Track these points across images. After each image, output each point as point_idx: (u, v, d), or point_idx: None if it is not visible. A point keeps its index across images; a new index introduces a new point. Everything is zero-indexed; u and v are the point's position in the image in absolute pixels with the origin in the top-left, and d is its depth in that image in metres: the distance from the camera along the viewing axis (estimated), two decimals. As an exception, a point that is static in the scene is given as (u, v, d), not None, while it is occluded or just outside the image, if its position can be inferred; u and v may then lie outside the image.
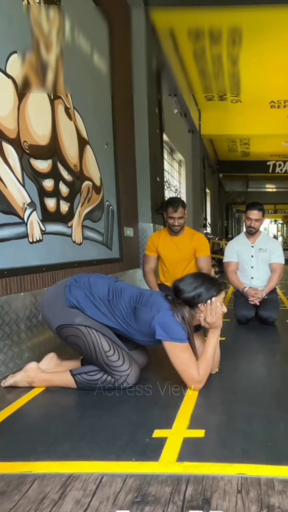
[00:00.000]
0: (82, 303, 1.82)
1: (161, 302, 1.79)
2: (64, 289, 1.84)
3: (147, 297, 1.83)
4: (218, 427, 1.43)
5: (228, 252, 3.37)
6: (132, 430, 1.40)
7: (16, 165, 2.24)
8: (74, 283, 1.86)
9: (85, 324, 1.78)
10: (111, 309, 1.82)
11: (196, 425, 1.44)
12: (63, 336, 1.82)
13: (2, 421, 1.51)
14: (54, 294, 1.88)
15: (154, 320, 1.73)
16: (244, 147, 11.29)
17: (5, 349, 2.11)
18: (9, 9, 2.18)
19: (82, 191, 3.08)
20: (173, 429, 1.41)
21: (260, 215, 3.21)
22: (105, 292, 1.85)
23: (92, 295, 1.83)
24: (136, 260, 4.50)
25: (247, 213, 3.23)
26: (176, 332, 1.72)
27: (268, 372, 2.14)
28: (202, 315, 1.82)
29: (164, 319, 1.73)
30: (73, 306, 1.81)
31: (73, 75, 2.88)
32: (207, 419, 1.50)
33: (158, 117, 4.90)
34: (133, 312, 1.80)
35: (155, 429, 1.40)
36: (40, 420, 1.53)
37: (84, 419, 1.52)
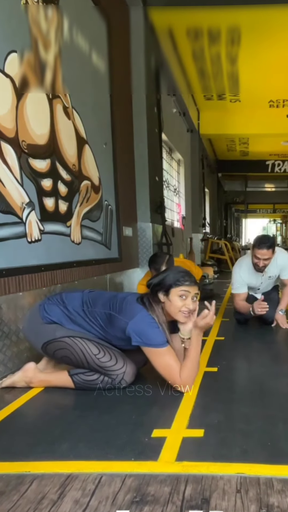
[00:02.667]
0: (59, 318, 1.82)
1: (135, 307, 1.76)
2: (39, 308, 1.85)
3: (120, 303, 1.80)
4: (217, 427, 1.43)
5: (238, 283, 3.06)
6: (131, 430, 1.40)
7: (14, 165, 2.24)
8: (47, 301, 1.88)
9: (68, 334, 1.77)
10: (88, 320, 1.81)
11: (195, 425, 1.44)
12: (50, 353, 1.82)
13: (1, 421, 1.51)
14: (31, 316, 1.88)
15: (128, 326, 1.70)
16: (243, 146, 11.29)
17: (4, 349, 2.10)
18: (7, 8, 2.17)
19: (80, 191, 3.07)
20: (172, 429, 1.40)
21: (270, 253, 2.84)
22: (79, 303, 1.84)
23: (66, 309, 1.83)
24: (135, 259, 4.50)
25: (255, 251, 2.84)
26: (152, 337, 1.68)
27: (267, 371, 2.14)
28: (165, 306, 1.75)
29: (138, 325, 1.70)
30: (51, 322, 1.81)
31: (71, 74, 2.88)
32: (206, 419, 1.50)
33: (157, 116, 4.90)
34: (108, 320, 1.78)
35: (154, 428, 1.40)
36: (38, 420, 1.52)
37: (83, 419, 1.51)
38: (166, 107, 5.71)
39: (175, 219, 7.27)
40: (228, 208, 18.81)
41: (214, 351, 2.49)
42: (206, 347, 2.54)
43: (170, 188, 7.00)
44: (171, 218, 6.91)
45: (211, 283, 5.59)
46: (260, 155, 12.15)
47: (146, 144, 4.47)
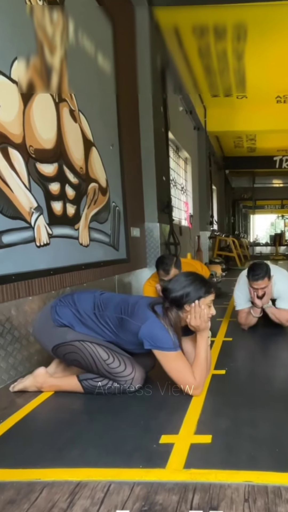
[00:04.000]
0: (70, 321, 1.83)
1: (147, 311, 1.77)
2: (50, 310, 1.87)
3: (132, 307, 1.82)
4: (225, 432, 1.44)
5: (239, 299, 3.00)
6: (140, 436, 1.42)
7: (22, 170, 2.26)
8: (59, 303, 1.89)
9: (78, 338, 1.79)
10: (99, 323, 1.82)
11: (203, 430, 1.45)
12: (61, 355, 1.85)
13: (12, 426, 1.54)
14: (42, 318, 1.90)
15: (140, 330, 1.72)
16: (250, 142, 11.20)
17: (15, 352, 2.14)
18: (12, 14, 2.18)
19: (88, 193, 3.09)
20: (180, 435, 1.42)
21: (266, 282, 2.71)
22: (90, 306, 1.85)
23: (78, 311, 1.84)
24: (143, 260, 4.51)
25: (250, 283, 2.75)
26: (164, 341, 1.70)
27: (275, 374, 2.14)
28: (189, 316, 1.79)
29: (151, 329, 1.71)
30: (62, 325, 1.83)
31: (77, 76, 2.89)
32: (214, 424, 1.51)
33: (163, 115, 4.88)
34: (119, 323, 1.80)
35: (162, 434, 1.42)
36: (48, 425, 1.55)
37: (92, 424, 1.53)
38: (173, 105, 5.69)
39: (182, 218, 7.26)
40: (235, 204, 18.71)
41: (222, 352, 2.50)
42: (214, 349, 2.55)
43: (177, 187, 6.98)
44: (178, 216, 6.90)
45: (219, 281, 5.58)
46: (267, 151, 12.03)
47: (152, 144, 4.47)
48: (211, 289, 1.83)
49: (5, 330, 2.07)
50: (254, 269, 2.73)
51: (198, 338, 1.83)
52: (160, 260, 2.88)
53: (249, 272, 2.75)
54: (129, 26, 4.00)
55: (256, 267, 2.73)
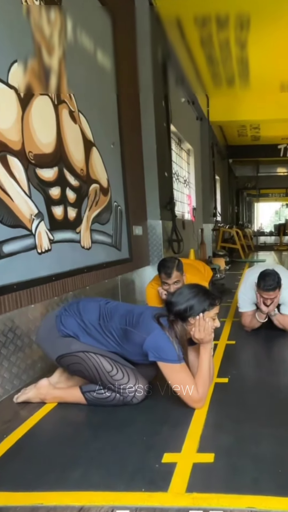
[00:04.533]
0: (75, 331, 1.83)
1: (152, 323, 1.77)
2: (55, 320, 1.86)
3: (137, 318, 1.81)
4: (227, 450, 1.44)
5: (243, 301, 2.99)
6: (142, 454, 1.42)
7: (22, 177, 2.23)
8: (64, 312, 1.88)
9: (82, 349, 1.79)
10: (104, 333, 1.82)
11: (206, 447, 1.45)
12: (64, 365, 1.85)
13: (15, 443, 1.55)
14: (47, 327, 1.90)
15: (145, 342, 1.72)
16: (254, 131, 11.03)
17: (18, 362, 2.14)
18: (9, 17, 2.12)
19: (89, 195, 3.05)
20: (183, 453, 1.42)
21: (277, 292, 2.71)
22: (95, 317, 1.85)
23: (83, 321, 1.84)
24: (145, 258, 4.49)
25: (260, 292, 2.73)
26: (169, 353, 1.70)
27: (279, 382, 2.12)
28: (193, 329, 1.78)
29: (156, 341, 1.71)
30: (67, 335, 1.83)
31: (77, 76, 2.82)
32: (216, 441, 1.51)
33: (165, 109, 4.79)
34: (124, 335, 1.80)
35: (165, 452, 1.42)
36: (51, 442, 1.55)
37: (94, 441, 1.54)
38: (175, 96, 5.58)
39: (185, 211, 7.20)
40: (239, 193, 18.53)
41: (224, 357, 2.49)
42: (217, 353, 2.54)
43: (180, 180, 6.91)
44: (181, 210, 6.85)
45: (223, 278, 5.55)
46: (272, 139, 11.85)
47: (154, 140, 4.39)
48: (216, 301, 1.81)
49: (8, 340, 2.07)
50: (265, 278, 2.69)
51: (201, 350, 1.82)
52: (162, 264, 2.86)
53: (259, 280, 2.72)
54: (129, 19, 3.90)
55: (267, 277, 2.70)
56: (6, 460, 1.43)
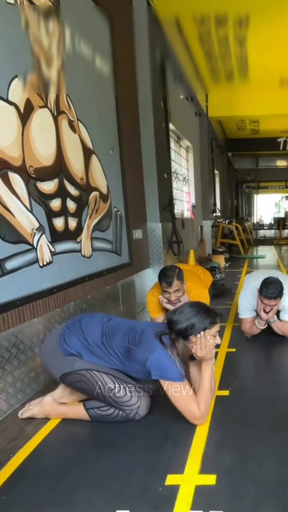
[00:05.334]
0: (78, 349, 1.86)
1: (154, 342, 1.80)
2: (59, 339, 1.89)
3: (139, 336, 1.85)
4: (229, 471, 1.48)
5: (243, 308, 3.03)
6: (146, 475, 1.46)
7: (23, 192, 2.23)
8: (68, 331, 1.91)
9: (86, 367, 1.83)
10: (106, 351, 1.86)
11: (208, 468, 1.49)
12: (68, 383, 1.88)
13: (22, 462, 1.59)
14: (51, 345, 1.93)
15: (148, 361, 1.75)
16: (253, 125, 10.95)
17: (22, 376, 2.18)
18: (8, 33, 2.10)
19: (89, 203, 3.06)
20: (185, 474, 1.46)
21: (278, 300, 2.75)
22: (98, 335, 1.88)
23: (86, 340, 1.87)
24: (145, 260, 4.51)
25: (262, 299, 2.76)
26: (171, 372, 1.73)
27: (281, 394, 2.15)
28: (194, 347, 1.82)
29: (158, 360, 1.75)
30: (70, 354, 1.86)
31: (75, 85, 2.81)
32: (218, 460, 1.55)
33: (164, 110, 4.76)
34: (127, 353, 1.83)
35: (168, 474, 1.46)
36: (57, 461, 1.59)
37: (98, 459, 1.58)
38: (173, 94, 5.53)
39: (185, 209, 7.20)
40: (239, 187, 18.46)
41: (225, 367, 2.52)
42: (218, 363, 2.57)
43: (179, 178, 6.89)
44: (181, 208, 6.85)
45: (223, 278, 5.57)
46: (271, 132, 11.78)
47: (153, 142, 4.38)
48: (216, 319, 1.84)
49: (11, 356, 2.10)
50: (268, 286, 2.72)
51: (203, 367, 1.86)
52: (162, 273, 2.88)
53: (262, 287, 2.75)
54: (126, 22, 3.85)
55: (271, 285, 2.72)
56: (13, 481, 1.47)
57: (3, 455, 1.64)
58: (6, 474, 1.50)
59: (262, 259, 9.19)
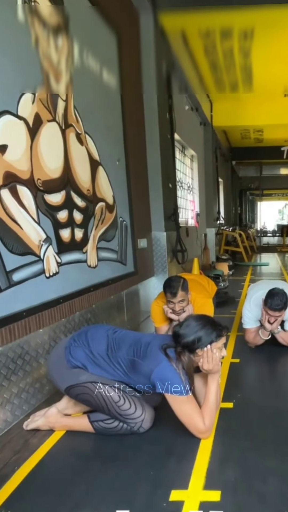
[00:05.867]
0: (83, 362, 1.88)
1: (159, 355, 1.81)
2: (64, 351, 1.91)
3: (144, 349, 1.86)
4: (233, 487, 1.48)
5: (247, 318, 3.05)
6: (150, 490, 1.47)
7: (31, 205, 2.27)
8: (73, 343, 1.93)
9: (90, 380, 1.84)
10: (111, 364, 1.87)
11: (212, 484, 1.50)
12: (73, 395, 1.90)
13: (27, 475, 1.60)
14: (56, 358, 1.95)
15: (153, 374, 1.76)
16: (257, 134, 11.02)
17: (27, 387, 2.19)
18: (19, 50, 2.15)
19: (95, 214, 3.09)
20: (190, 490, 1.47)
21: (283, 312, 2.78)
22: (104, 347, 1.90)
23: (91, 353, 1.89)
24: (150, 269, 4.53)
25: (268, 310, 2.78)
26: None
27: (283, 407, 2.15)
28: (201, 360, 1.83)
29: (163, 373, 1.75)
30: (75, 366, 1.88)
31: (83, 99, 2.86)
32: (222, 476, 1.55)
33: (169, 121, 4.81)
34: (131, 365, 1.84)
35: (172, 489, 1.47)
36: (61, 475, 1.60)
37: (103, 473, 1.59)
38: (178, 105, 5.60)
39: (189, 217, 7.23)
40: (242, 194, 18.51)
41: (229, 379, 2.53)
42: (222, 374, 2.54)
43: (184, 187, 6.93)
44: (185, 217, 6.88)
45: (226, 286, 5.58)
46: (275, 141, 11.84)
47: (159, 152, 4.42)
48: (222, 332, 1.85)
49: (17, 367, 2.12)
50: (273, 298, 2.74)
51: (209, 380, 1.86)
52: (167, 284, 2.90)
53: (267, 298, 2.76)
54: (134, 35, 3.91)
55: (276, 296, 2.74)
56: (19, 495, 1.48)
57: (8, 467, 1.65)
58: (11, 488, 1.52)
59: (265, 267, 9.18)
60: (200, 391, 1.93)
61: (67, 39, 2.62)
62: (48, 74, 2.43)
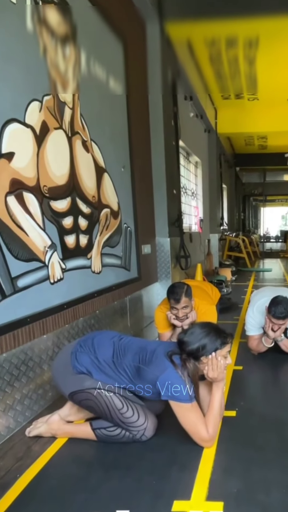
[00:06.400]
0: (88, 368, 1.88)
1: (164, 362, 1.81)
2: (70, 357, 1.92)
3: (150, 355, 1.86)
4: (236, 498, 1.48)
5: (251, 325, 3.05)
6: (152, 500, 1.46)
7: (36, 211, 2.28)
8: (79, 349, 1.93)
9: (95, 386, 1.84)
10: (116, 370, 1.87)
11: (215, 494, 1.49)
12: (77, 401, 1.90)
13: (29, 483, 1.60)
14: (62, 363, 1.96)
15: (158, 380, 1.76)
16: (261, 140, 11.06)
17: (30, 393, 2.20)
18: (27, 59, 2.19)
19: (100, 220, 3.11)
20: (192, 501, 1.46)
21: (287, 320, 2.79)
22: (109, 354, 1.90)
23: (97, 359, 1.89)
24: (153, 275, 4.54)
25: (271, 318, 2.79)
26: (181, 393, 1.73)
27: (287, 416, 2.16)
28: (206, 367, 1.83)
29: (169, 380, 1.75)
30: (81, 372, 1.88)
31: (89, 106, 2.89)
32: (225, 486, 1.55)
33: (174, 128, 4.84)
34: (137, 372, 1.84)
35: (174, 499, 1.46)
36: (64, 484, 1.59)
37: (105, 482, 1.58)
38: (183, 112, 5.63)
39: (193, 223, 7.24)
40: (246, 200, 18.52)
41: (232, 387, 2.51)
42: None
43: (188, 193, 6.95)
44: (189, 222, 6.89)
45: (229, 292, 5.57)
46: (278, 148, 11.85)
47: (163, 159, 4.45)
48: (227, 339, 1.85)
49: (20, 373, 2.12)
50: (277, 306, 2.74)
51: (214, 388, 1.86)
52: (170, 290, 2.91)
53: (271, 306, 2.77)
54: (140, 44, 3.96)
55: (280, 304, 2.74)
56: (20, 504, 1.48)
57: (11, 475, 1.65)
58: (13, 496, 1.51)
59: (268, 272, 9.17)
60: (204, 399, 1.92)
61: (75, 48, 2.66)
62: (55, 82, 2.46)
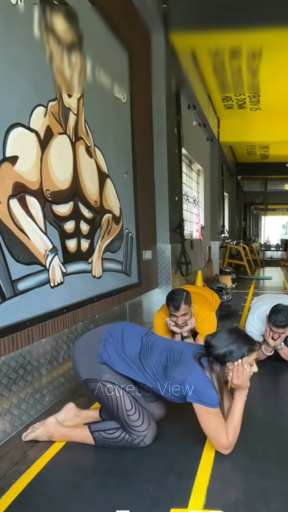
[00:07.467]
0: (113, 361, 1.86)
1: (193, 363, 1.78)
2: (99, 344, 1.89)
3: (178, 355, 1.84)
4: (234, 507, 1.46)
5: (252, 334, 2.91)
6: (149, 508, 1.45)
7: (38, 215, 2.29)
8: (109, 339, 1.90)
9: (112, 381, 1.82)
10: (142, 367, 1.85)
11: (213, 503, 1.47)
12: (89, 389, 1.88)
13: (24, 489, 1.58)
14: (88, 346, 1.93)
15: (186, 381, 1.73)
16: (263, 150, 11.15)
17: (27, 397, 2.18)
18: (34, 65, 2.21)
19: (102, 225, 3.12)
20: (190, 509, 1.44)
21: (287, 329, 2.79)
22: (137, 350, 1.88)
23: (124, 353, 1.87)
24: (154, 281, 4.54)
25: (271, 327, 2.79)
26: (209, 396, 1.71)
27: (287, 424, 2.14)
28: (231, 374, 1.81)
29: (197, 382, 1.72)
30: (104, 363, 1.86)
31: (94, 113, 2.91)
32: (223, 495, 1.53)
33: (177, 136, 4.88)
34: (164, 371, 1.81)
35: (172, 507, 1.44)
36: (59, 490, 1.57)
37: (101, 489, 1.56)
38: (186, 120, 5.68)
39: (194, 230, 7.26)
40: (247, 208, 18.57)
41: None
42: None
43: (189, 200, 6.98)
44: (190, 229, 6.90)
45: (230, 300, 5.55)
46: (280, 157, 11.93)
47: (166, 167, 4.47)
48: (254, 347, 1.82)
49: (18, 376, 2.11)
50: (278, 314, 2.73)
51: (236, 395, 1.84)
52: (170, 297, 2.90)
53: (271, 315, 2.76)
54: (145, 53, 4.00)
55: (280, 313, 2.74)
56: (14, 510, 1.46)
57: (5, 481, 1.63)
58: (7, 502, 1.49)
59: (269, 281, 9.16)
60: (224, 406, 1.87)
61: (80, 55, 2.69)
62: (61, 88, 2.48)
